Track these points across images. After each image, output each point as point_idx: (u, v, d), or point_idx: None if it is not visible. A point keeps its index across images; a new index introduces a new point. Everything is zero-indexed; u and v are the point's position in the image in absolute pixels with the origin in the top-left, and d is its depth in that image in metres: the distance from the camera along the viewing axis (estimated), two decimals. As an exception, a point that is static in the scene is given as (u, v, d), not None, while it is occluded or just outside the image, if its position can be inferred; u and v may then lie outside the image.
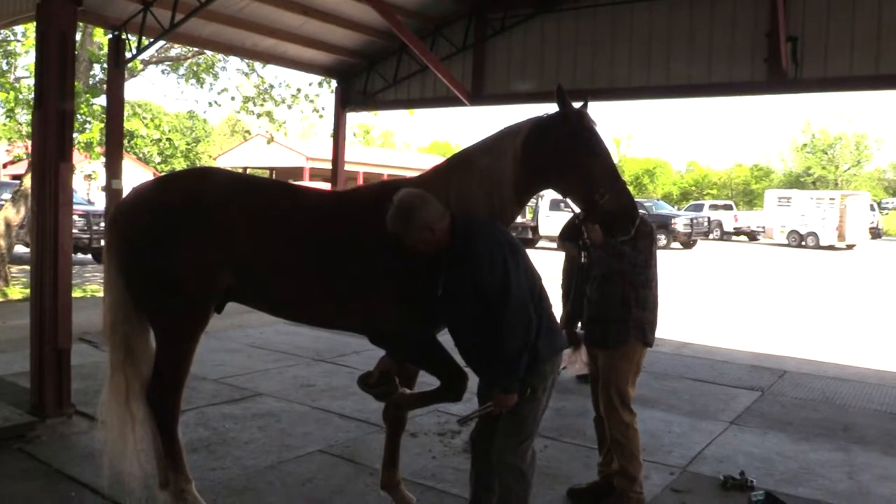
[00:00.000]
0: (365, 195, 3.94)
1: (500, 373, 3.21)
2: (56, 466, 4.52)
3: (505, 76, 10.36)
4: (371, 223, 3.45)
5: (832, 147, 53.65)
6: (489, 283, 3.13)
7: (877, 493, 4.67)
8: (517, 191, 3.54)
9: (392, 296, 3.53)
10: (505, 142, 3.57)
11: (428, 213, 3.21)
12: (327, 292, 3.64)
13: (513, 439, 3.38)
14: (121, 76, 9.11)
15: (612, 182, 3.42)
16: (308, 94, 16.02)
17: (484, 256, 3.15)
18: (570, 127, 3.42)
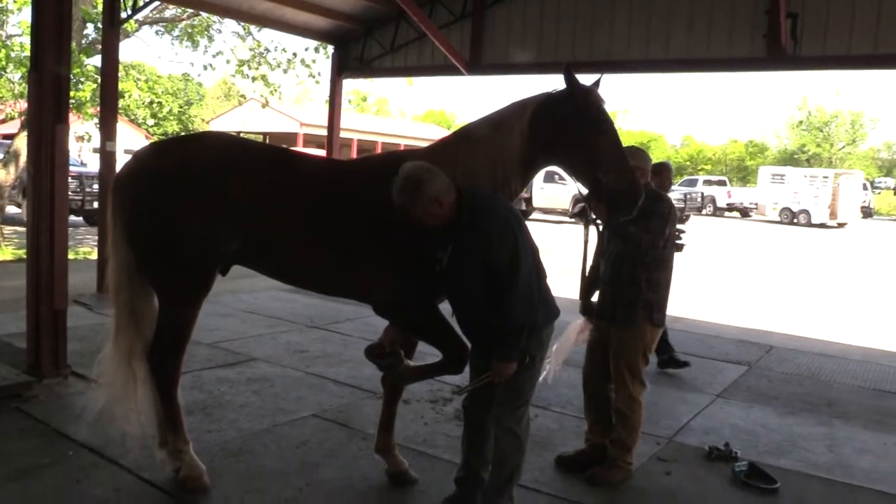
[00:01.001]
0: (373, 165, 3.96)
1: (505, 344, 3.26)
2: (53, 426, 4.58)
3: (503, 46, 10.30)
4: (378, 193, 3.48)
5: (828, 125, 53.64)
6: (500, 258, 3.17)
7: (856, 465, 4.79)
8: (522, 166, 3.57)
9: (396, 265, 3.58)
10: (512, 118, 3.59)
11: (435, 185, 3.22)
12: (331, 260, 3.67)
13: (510, 405, 3.45)
14: (115, 37, 9.03)
15: (616, 162, 3.44)
16: (304, 59, 15.89)
17: (494, 231, 3.19)
18: (577, 105, 3.43)
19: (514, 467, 3.52)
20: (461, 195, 3.30)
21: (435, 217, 3.27)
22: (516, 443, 3.50)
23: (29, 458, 4.09)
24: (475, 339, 3.50)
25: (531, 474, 4.31)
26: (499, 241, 3.18)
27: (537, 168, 3.74)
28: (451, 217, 3.28)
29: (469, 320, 3.45)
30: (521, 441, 3.52)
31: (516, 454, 3.51)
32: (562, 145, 3.48)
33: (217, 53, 16.82)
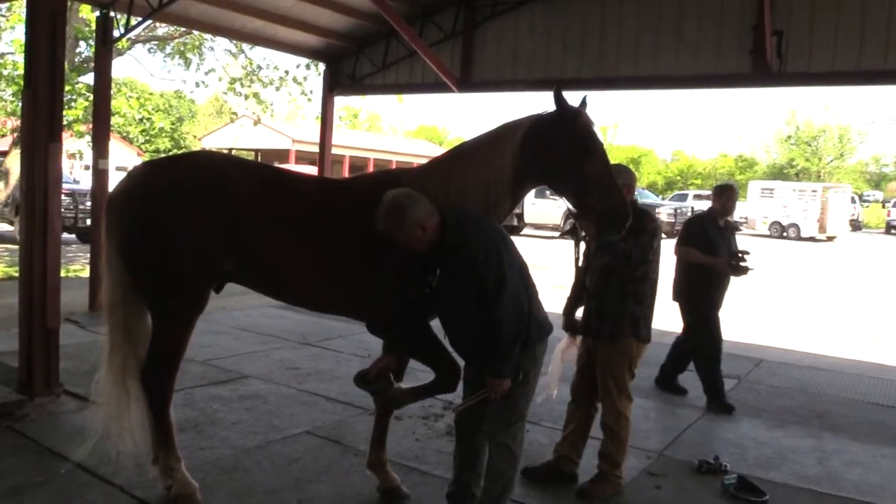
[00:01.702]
0: (364, 183, 4.01)
1: (496, 360, 3.30)
2: (46, 444, 4.57)
3: (494, 64, 10.41)
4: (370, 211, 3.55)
5: (816, 139, 54.05)
6: (485, 276, 3.22)
7: (845, 477, 4.83)
8: (514, 187, 3.63)
9: (388, 282, 3.62)
10: (504, 138, 3.65)
11: (417, 211, 3.29)
12: (324, 277, 3.71)
13: (504, 421, 3.48)
14: (108, 55, 9.09)
15: (605, 183, 3.50)
16: (296, 77, 15.99)
17: (479, 250, 3.24)
18: (567, 127, 3.49)
19: (507, 482, 3.55)
20: (444, 218, 3.36)
21: (419, 241, 3.33)
22: (510, 458, 3.52)
23: (22, 476, 4.09)
24: (467, 357, 3.54)
25: (521, 489, 4.32)
26: (484, 259, 3.23)
27: (528, 188, 3.80)
28: (435, 240, 3.33)
29: (460, 339, 3.49)
30: (516, 456, 3.55)
31: (510, 469, 3.54)
32: (552, 166, 3.53)
33: (209, 71, 16.93)
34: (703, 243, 6.16)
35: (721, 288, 6.32)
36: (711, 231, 6.25)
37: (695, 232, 6.30)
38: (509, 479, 3.56)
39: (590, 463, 4.44)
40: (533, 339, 3.40)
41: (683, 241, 6.30)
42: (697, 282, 6.21)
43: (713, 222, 6.34)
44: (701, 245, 6.15)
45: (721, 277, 6.24)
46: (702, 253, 6.11)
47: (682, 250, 6.27)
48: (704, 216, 6.57)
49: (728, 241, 6.36)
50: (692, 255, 6.16)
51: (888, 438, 5.62)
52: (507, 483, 3.56)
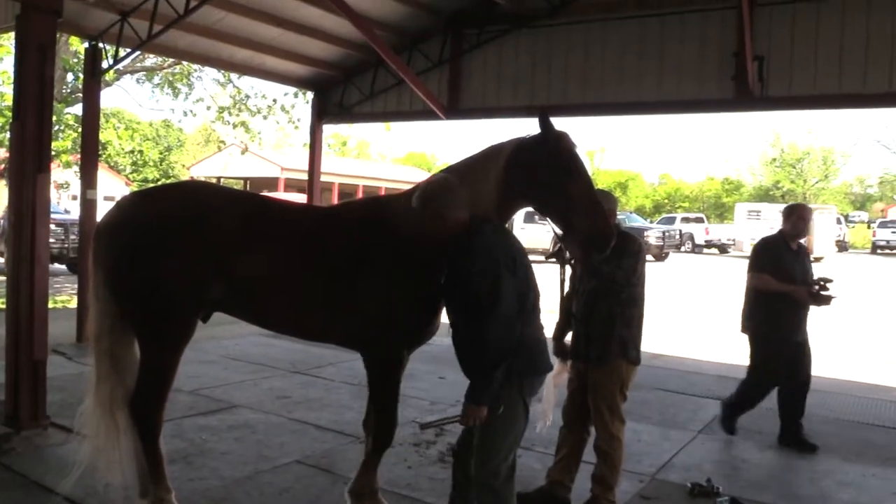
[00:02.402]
0: (353, 210, 4.04)
1: (475, 384, 3.23)
2: (33, 478, 4.52)
3: (480, 91, 10.54)
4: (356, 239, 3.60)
5: (800, 161, 54.70)
6: (476, 289, 3.18)
7: (837, 497, 4.84)
8: (499, 209, 3.66)
9: (378, 311, 3.64)
10: (488, 162, 3.68)
11: (443, 202, 3.32)
12: (313, 306, 3.73)
13: (481, 457, 3.38)
14: (97, 86, 9.14)
15: (588, 204, 3.53)
16: (284, 105, 16.11)
17: (477, 260, 3.22)
18: (550, 149, 3.53)
19: None
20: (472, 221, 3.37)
21: (438, 231, 3.36)
22: (494, 497, 3.38)
23: (7, 511, 4.04)
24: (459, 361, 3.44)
25: (515, 515, 4.31)
26: (481, 271, 3.19)
27: (513, 210, 3.83)
28: (452, 236, 3.35)
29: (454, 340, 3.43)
30: (500, 494, 3.40)
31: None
32: (536, 189, 3.57)
33: (197, 100, 17.02)
34: (776, 269, 5.65)
35: (799, 319, 5.75)
36: (785, 255, 5.75)
37: (767, 256, 5.79)
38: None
39: (583, 487, 4.42)
40: (518, 370, 3.26)
41: (755, 267, 5.79)
42: (772, 312, 5.67)
43: (785, 245, 5.81)
44: (774, 271, 5.65)
45: (799, 307, 5.69)
46: (776, 279, 5.62)
47: (755, 277, 5.76)
48: (775, 239, 5.96)
49: (804, 266, 5.82)
50: (767, 283, 5.65)
51: (876, 458, 5.64)
52: None
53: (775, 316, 5.65)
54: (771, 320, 5.67)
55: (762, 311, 5.71)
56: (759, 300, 5.73)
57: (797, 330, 5.74)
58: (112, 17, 8.51)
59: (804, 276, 5.74)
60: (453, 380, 7.75)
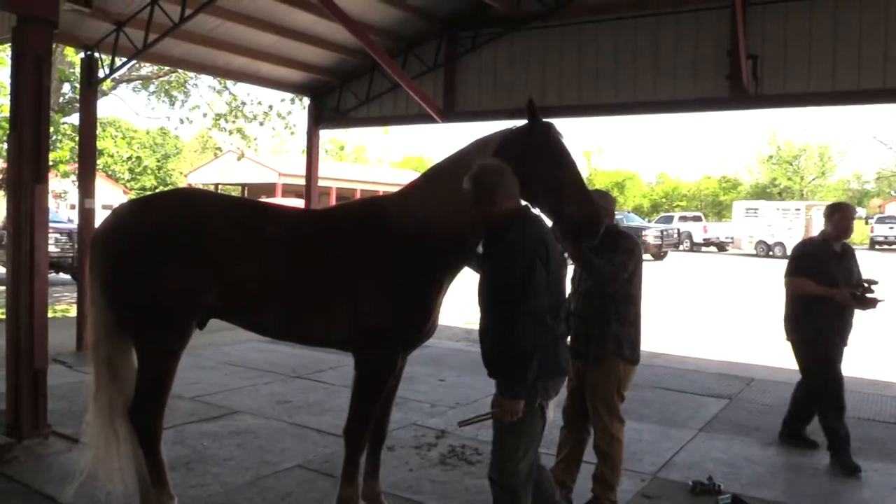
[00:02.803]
0: (345, 214, 4.06)
1: (511, 378, 3.17)
2: (35, 487, 4.53)
3: (476, 93, 10.57)
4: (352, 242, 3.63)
5: (797, 158, 54.79)
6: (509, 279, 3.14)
7: (838, 492, 4.86)
8: None
9: (376, 313, 3.66)
10: (477, 154, 3.71)
11: (499, 186, 3.30)
12: (311, 310, 3.74)
13: (499, 456, 3.35)
14: (93, 96, 9.15)
15: (577, 192, 3.56)
16: (280, 112, 16.14)
17: (511, 251, 3.19)
18: (538, 139, 3.56)
19: None
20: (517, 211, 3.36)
21: (480, 209, 3.34)
22: (512, 499, 3.32)
23: (10, 521, 4.05)
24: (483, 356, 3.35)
25: (517, 516, 4.32)
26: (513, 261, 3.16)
27: None
28: (493, 220, 3.33)
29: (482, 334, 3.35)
30: (518, 494, 3.32)
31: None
32: (524, 178, 3.58)
33: (194, 108, 17.05)
34: (816, 272, 5.43)
35: (842, 324, 5.50)
36: (825, 258, 5.49)
37: (805, 260, 5.56)
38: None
39: (584, 487, 4.43)
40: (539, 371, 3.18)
41: (793, 272, 5.58)
42: (813, 317, 5.46)
43: (827, 247, 5.54)
44: (814, 274, 5.43)
45: (842, 311, 5.44)
46: (816, 283, 5.40)
47: (791, 282, 5.58)
48: (815, 241, 5.74)
49: (848, 268, 5.56)
50: (804, 287, 5.45)
51: (877, 453, 5.65)
52: None
53: (818, 321, 5.43)
54: (814, 326, 5.46)
55: (805, 317, 5.52)
56: (801, 305, 5.54)
57: (842, 334, 5.53)
58: (108, 27, 8.53)
59: (848, 278, 5.48)
60: (453, 382, 7.78)
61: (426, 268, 3.71)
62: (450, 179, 3.70)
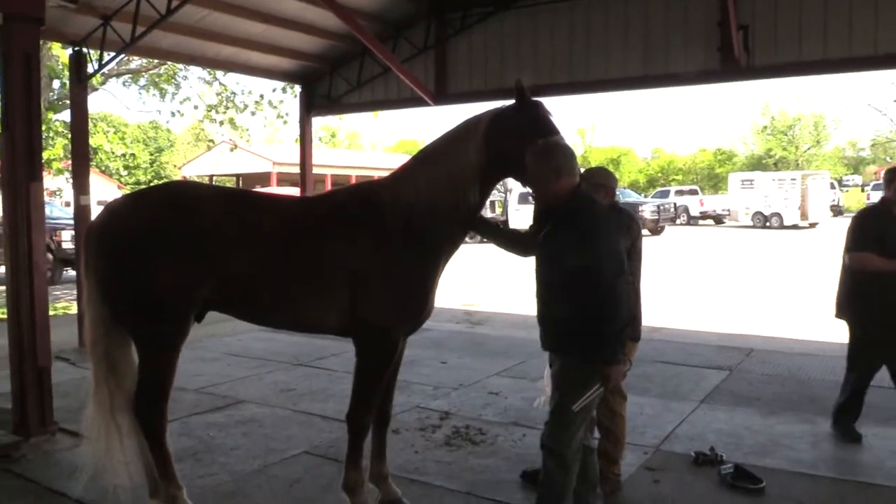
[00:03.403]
0: (343, 196, 4.07)
1: (615, 341, 3.30)
2: (44, 484, 4.57)
3: (467, 75, 10.53)
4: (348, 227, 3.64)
5: (791, 128, 54.70)
6: (609, 256, 3.28)
7: (838, 458, 4.94)
8: (481, 179, 3.70)
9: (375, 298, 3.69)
10: (467, 134, 3.74)
11: (565, 163, 3.38)
12: (309, 297, 3.76)
13: (559, 424, 3.45)
14: (83, 91, 9.11)
15: None
16: (272, 101, 16.07)
17: (606, 223, 3.37)
18: (527, 117, 3.58)
19: (561, 491, 3.46)
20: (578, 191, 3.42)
21: (540, 186, 3.42)
22: (562, 464, 3.44)
23: (22, 518, 4.09)
24: (552, 329, 3.48)
25: (522, 492, 4.40)
26: (609, 238, 3.32)
27: (495, 180, 3.86)
28: (554, 199, 3.40)
29: (549, 310, 3.46)
30: (568, 463, 3.44)
31: (561, 476, 3.45)
32: (514, 156, 3.60)
33: (184, 100, 16.97)
34: (881, 245, 4.94)
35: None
36: (890, 226, 5.01)
37: (868, 231, 5.05)
38: (564, 486, 3.46)
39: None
40: None
41: (855, 245, 5.08)
42: (874, 294, 5.00)
43: (889, 216, 5.09)
44: (878, 247, 4.94)
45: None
46: (881, 255, 4.92)
47: (854, 257, 5.08)
48: (876, 210, 5.26)
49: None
50: (869, 263, 4.96)
51: (876, 418, 5.71)
52: (562, 492, 3.46)
53: (881, 298, 4.97)
54: (876, 303, 5.01)
55: (865, 294, 5.05)
56: (861, 281, 5.09)
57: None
58: (95, 22, 8.47)
59: None
60: (455, 364, 7.83)
61: (421, 251, 3.73)
62: (441, 160, 3.72)
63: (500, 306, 12.22)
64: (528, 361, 7.51)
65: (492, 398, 6.48)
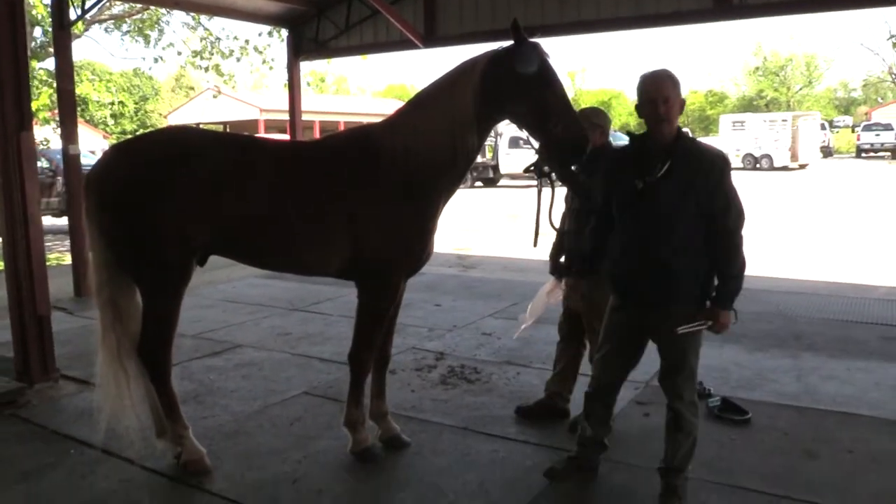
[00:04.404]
0: (338, 140, 4.09)
1: (731, 290, 3.36)
2: (52, 428, 4.67)
3: (457, 16, 10.36)
4: (346, 168, 3.67)
5: (783, 69, 54.32)
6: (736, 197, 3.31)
7: (822, 391, 5.09)
8: (478, 122, 3.72)
9: (369, 239, 3.75)
10: (463, 76, 3.73)
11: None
12: (307, 237, 3.80)
13: (689, 375, 3.53)
14: (67, 38, 8.94)
15: (564, 113, 3.59)
16: (257, 46, 15.79)
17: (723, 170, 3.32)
18: (524, 59, 3.56)
19: (694, 438, 3.52)
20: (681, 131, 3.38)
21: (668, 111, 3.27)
22: (695, 421, 3.51)
23: (32, 460, 4.20)
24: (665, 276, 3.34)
25: (516, 427, 4.54)
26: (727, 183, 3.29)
27: (492, 123, 3.88)
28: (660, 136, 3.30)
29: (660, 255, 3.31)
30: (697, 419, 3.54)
31: (696, 426, 3.52)
32: (511, 98, 3.61)
33: (167, 46, 16.65)
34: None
35: None
36: None
37: None
38: (695, 435, 3.51)
39: (580, 398, 4.61)
40: None
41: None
42: None
43: None
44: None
45: None
46: None
47: None
48: None
49: None
50: None
51: (859, 352, 5.88)
52: (694, 439, 3.51)
53: None
54: None
55: None
56: None
57: None
58: (75, -35, 8.29)
59: None
60: (449, 306, 7.95)
61: (421, 194, 3.78)
62: (438, 104, 3.73)
63: (491, 250, 12.32)
64: (520, 303, 7.60)
65: (485, 339, 6.61)
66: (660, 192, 3.26)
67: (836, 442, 4.27)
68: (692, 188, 3.23)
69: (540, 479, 3.83)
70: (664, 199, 3.26)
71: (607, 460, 3.99)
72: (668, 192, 3.25)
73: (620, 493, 3.75)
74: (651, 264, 3.32)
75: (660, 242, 3.29)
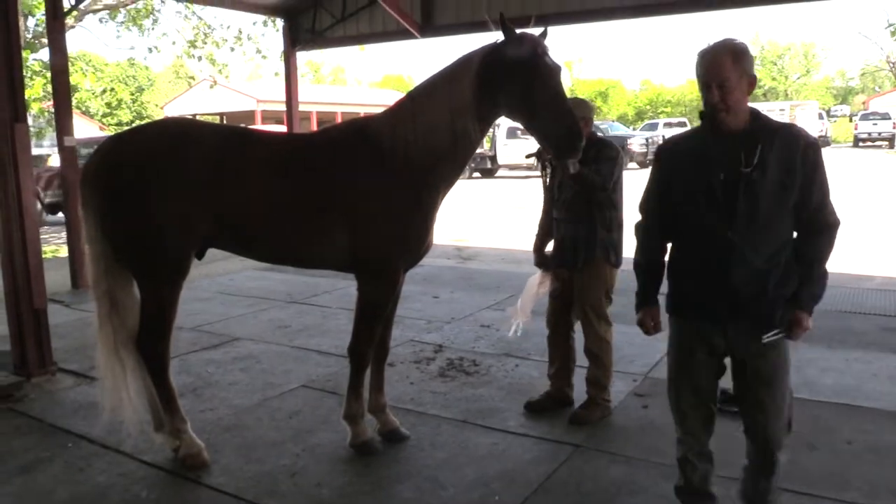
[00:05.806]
0: (338, 132, 4.07)
1: (817, 289, 2.85)
2: (49, 421, 4.66)
3: (454, 6, 10.32)
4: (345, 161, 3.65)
5: (781, 58, 54.23)
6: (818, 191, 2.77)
7: (821, 383, 5.08)
8: (478, 116, 3.70)
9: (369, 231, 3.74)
10: (461, 71, 3.71)
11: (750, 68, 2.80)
12: (305, 231, 3.79)
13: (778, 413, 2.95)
14: (61, 28, 8.86)
15: (552, 104, 3.56)
16: (251, 35, 15.73)
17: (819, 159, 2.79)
18: (516, 51, 3.54)
19: None
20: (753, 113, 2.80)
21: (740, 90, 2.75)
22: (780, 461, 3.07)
23: (29, 453, 4.18)
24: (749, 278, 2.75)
25: (517, 420, 4.53)
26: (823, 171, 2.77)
27: (492, 116, 3.85)
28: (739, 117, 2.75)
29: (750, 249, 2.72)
30: None
31: None
32: (507, 92, 3.59)
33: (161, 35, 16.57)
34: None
35: None
36: None
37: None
38: None
39: (581, 388, 4.62)
40: None
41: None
42: None
43: None
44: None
45: None
46: None
47: None
48: None
49: None
50: None
51: (857, 343, 5.88)
52: None
53: None
54: None
55: None
56: None
57: None
58: (68, -45, 8.21)
59: None
60: (447, 298, 7.94)
61: (421, 186, 3.76)
62: (436, 98, 3.71)
63: (488, 242, 12.30)
64: (518, 295, 7.59)
65: (483, 331, 6.60)
66: (750, 186, 2.67)
67: (835, 433, 4.27)
68: (789, 179, 2.68)
69: (539, 472, 3.83)
70: (758, 194, 2.67)
71: (606, 452, 3.98)
72: (760, 185, 2.66)
73: (619, 485, 3.74)
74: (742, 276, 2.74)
75: (756, 246, 2.72)
